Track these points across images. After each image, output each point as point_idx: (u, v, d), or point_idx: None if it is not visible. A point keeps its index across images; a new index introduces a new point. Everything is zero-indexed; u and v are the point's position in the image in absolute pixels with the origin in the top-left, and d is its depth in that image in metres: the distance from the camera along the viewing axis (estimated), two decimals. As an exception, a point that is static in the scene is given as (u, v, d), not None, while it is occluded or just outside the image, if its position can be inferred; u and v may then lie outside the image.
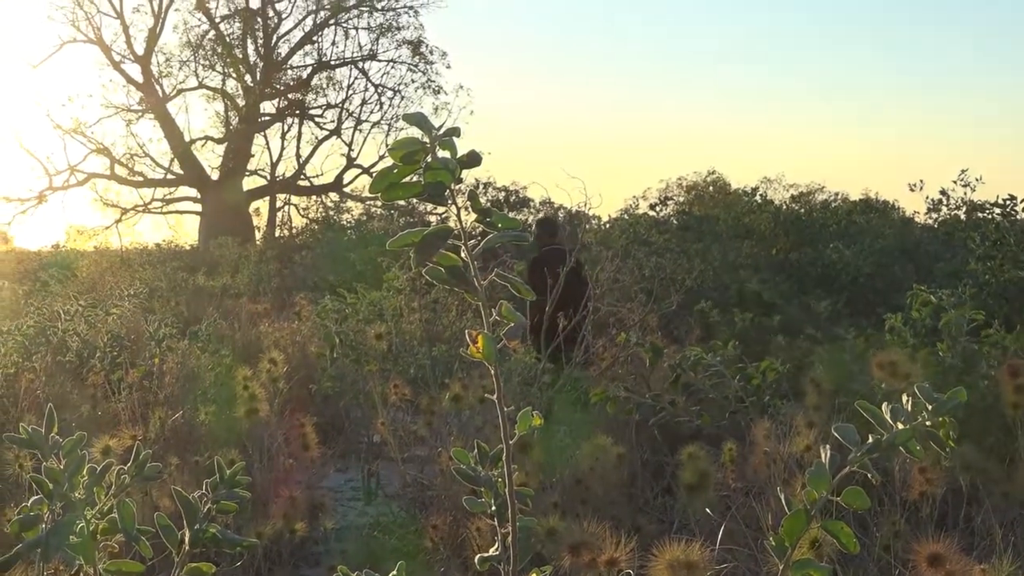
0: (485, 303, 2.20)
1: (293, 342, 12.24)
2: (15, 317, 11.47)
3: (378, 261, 17.16)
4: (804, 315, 13.58)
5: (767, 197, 35.29)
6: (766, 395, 8.56)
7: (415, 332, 11.82)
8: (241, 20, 45.78)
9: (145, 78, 44.25)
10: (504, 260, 11.97)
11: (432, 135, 2.07)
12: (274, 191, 46.07)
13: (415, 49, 45.82)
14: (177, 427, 8.34)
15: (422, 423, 8.60)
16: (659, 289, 14.31)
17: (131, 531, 2.77)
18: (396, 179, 2.09)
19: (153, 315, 12.16)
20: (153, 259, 30.43)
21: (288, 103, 46.58)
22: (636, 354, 10.15)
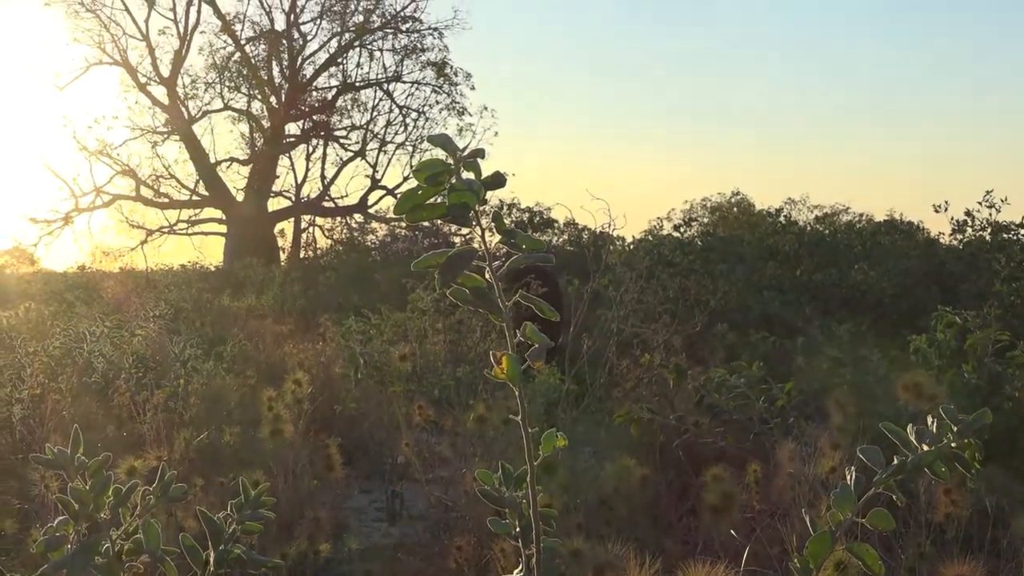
0: (509, 324, 2.20)
1: (318, 363, 12.24)
2: (41, 338, 11.50)
3: (402, 282, 17.17)
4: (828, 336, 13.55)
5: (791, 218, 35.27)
6: (791, 416, 8.54)
7: (439, 353, 11.82)
8: (266, 42, 45.94)
9: (171, 100, 44.42)
10: (528, 281, 11.97)
11: (456, 156, 2.07)
12: (299, 212, 46.16)
13: (440, 71, 45.91)
14: (202, 448, 8.34)
15: (446, 444, 8.60)
16: (683, 310, 14.29)
17: (156, 552, 2.77)
18: (421, 200, 2.10)
19: (178, 336, 12.20)
20: (178, 280, 30.47)
21: (313, 124, 46.67)
22: (660, 375, 10.14)
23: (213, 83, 45.83)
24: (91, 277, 33.90)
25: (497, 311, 2.18)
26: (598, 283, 11.18)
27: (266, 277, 29.48)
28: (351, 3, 45.65)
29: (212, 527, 2.85)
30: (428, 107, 46.03)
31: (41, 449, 3.04)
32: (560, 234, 40.25)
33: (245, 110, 46.26)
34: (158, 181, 44.72)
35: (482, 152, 2.12)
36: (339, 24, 45.91)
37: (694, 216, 43.80)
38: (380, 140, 46.06)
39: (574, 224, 38.40)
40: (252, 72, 45.54)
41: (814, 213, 40.74)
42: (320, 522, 6.70)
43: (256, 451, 8.24)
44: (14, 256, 44.22)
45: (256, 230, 41.97)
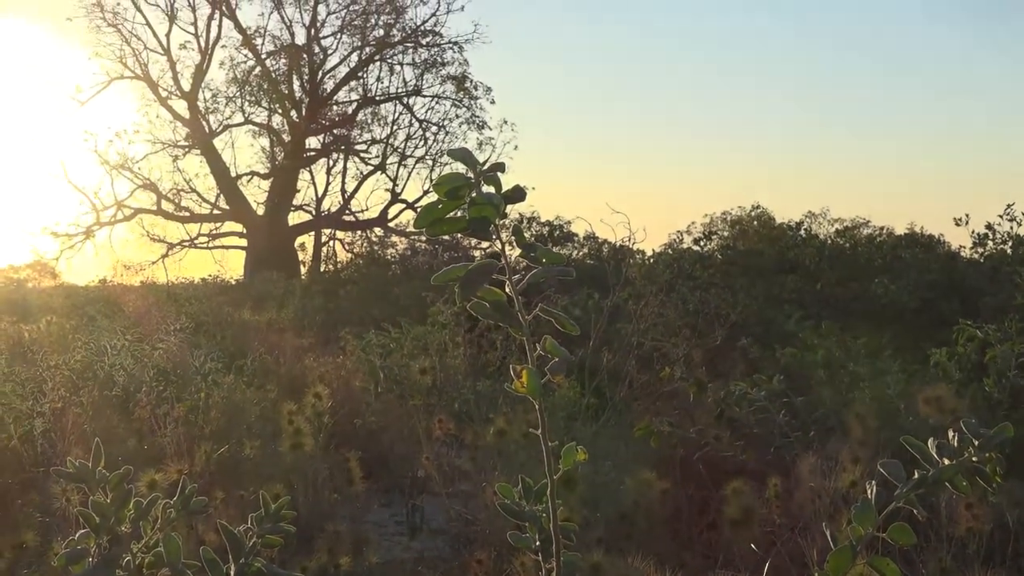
0: (529, 338, 2.20)
1: (338, 377, 12.23)
2: (63, 352, 11.53)
3: (422, 296, 17.18)
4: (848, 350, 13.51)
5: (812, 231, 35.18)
6: (811, 430, 8.52)
7: (459, 367, 11.82)
8: (287, 56, 46.08)
9: (192, 114, 44.58)
10: (548, 295, 11.97)
11: (477, 170, 2.08)
12: (319, 226, 46.24)
13: (459, 85, 45.98)
14: (223, 461, 8.36)
15: (466, 458, 8.60)
16: (703, 324, 14.26)
17: (177, 565, 2.78)
18: (441, 214, 2.10)
19: (199, 349, 12.20)
20: (199, 294, 30.51)
21: (333, 138, 46.80)
22: (680, 389, 10.13)
23: (234, 97, 46.02)
24: (112, 291, 33.95)
25: (517, 324, 2.18)
26: (618, 297, 11.18)
27: (286, 291, 29.52)
28: (371, 17, 45.80)
29: (233, 540, 2.85)
30: (448, 121, 46.16)
31: (63, 462, 3.05)
32: (580, 248, 40.26)
33: (266, 124, 46.43)
34: (179, 195, 44.93)
35: (502, 166, 2.13)
36: (359, 38, 46.06)
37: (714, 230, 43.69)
38: (400, 154, 46.19)
39: (594, 237, 38.45)
40: (273, 86, 45.67)
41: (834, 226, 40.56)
42: (340, 536, 6.70)
43: (276, 464, 8.25)
44: (36, 270, 44.38)
45: (276, 244, 42.07)
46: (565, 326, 2.20)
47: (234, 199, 44.56)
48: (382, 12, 45.74)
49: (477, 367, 11.97)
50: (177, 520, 2.99)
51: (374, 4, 45.63)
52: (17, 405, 9.23)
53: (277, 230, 43.29)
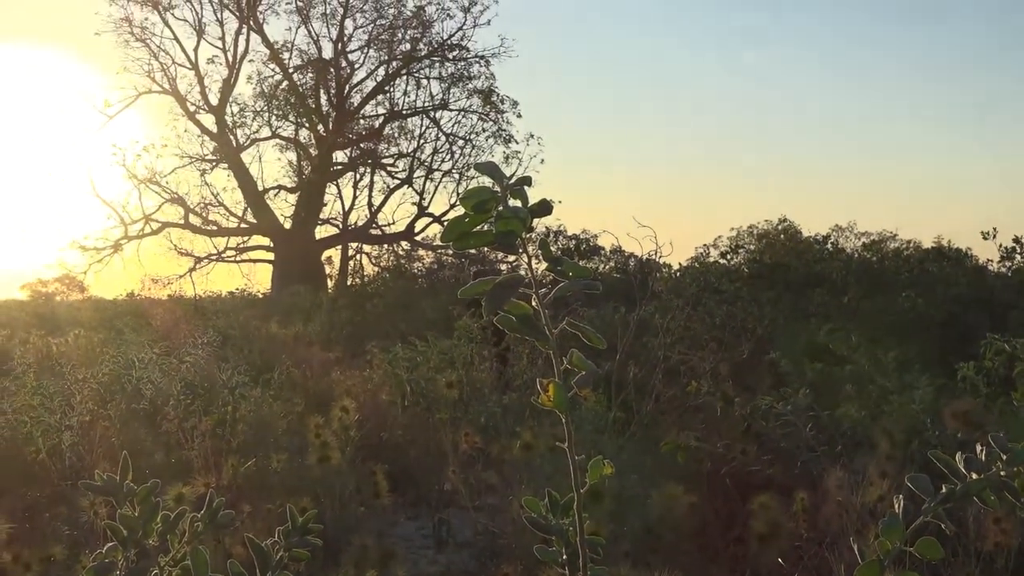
0: (556, 352, 2.20)
1: (365, 390, 12.25)
2: (91, 365, 11.56)
3: (449, 309, 17.19)
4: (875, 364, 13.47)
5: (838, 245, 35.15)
6: (838, 444, 8.49)
7: (486, 380, 11.82)
8: (314, 70, 46.22)
9: (219, 128, 44.74)
10: (575, 308, 11.97)
11: (503, 184, 2.08)
12: (346, 240, 46.33)
13: (486, 98, 46.04)
14: (250, 474, 8.37)
15: (493, 471, 8.60)
16: (730, 337, 14.24)
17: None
18: (467, 228, 2.10)
19: (226, 363, 12.22)
20: (226, 307, 30.59)
21: (360, 152, 46.90)
22: (707, 403, 10.11)
23: (261, 111, 46.19)
24: (140, 304, 34.07)
25: (544, 338, 2.18)
26: (645, 310, 11.17)
27: (313, 304, 29.58)
28: (398, 32, 45.93)
29: (260, 554, 2.86)
30: (475, 135, 46.24)
31: (91, 476, 3.06)
32: (607, 261, 40.26)
33: (293, 138, 46.59)
34: (206, 209, 45.10)
35: (529, 180, 2.13)
36: (386, 52, 46.18)
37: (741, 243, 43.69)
38: (427, 168, 46.26)
39: (620, 251, 38.43)
40: (300, 100, 45.82)
41: (861, 240, 40.57)
42: (367, 549, 6.70)
43: (303, 478, 8.27)
44: (64, 283, 44.56)
45: (304, 257, 42.18)
46: (592, 339, 2.20)
47: (261, 213, 44.69)
48: (409, 26, 45.90)
49: (503, 381, 11.97)
50: (204, 534, 2.99)
51: (401, 18, 45.81)
52: (46, 418, 9.26)
53: (304, 244, 43.40)
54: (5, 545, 6.04)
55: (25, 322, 27.79)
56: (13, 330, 24.60)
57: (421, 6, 45.56)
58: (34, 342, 18.73)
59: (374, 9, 45.74)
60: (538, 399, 2.24)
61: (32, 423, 9.22)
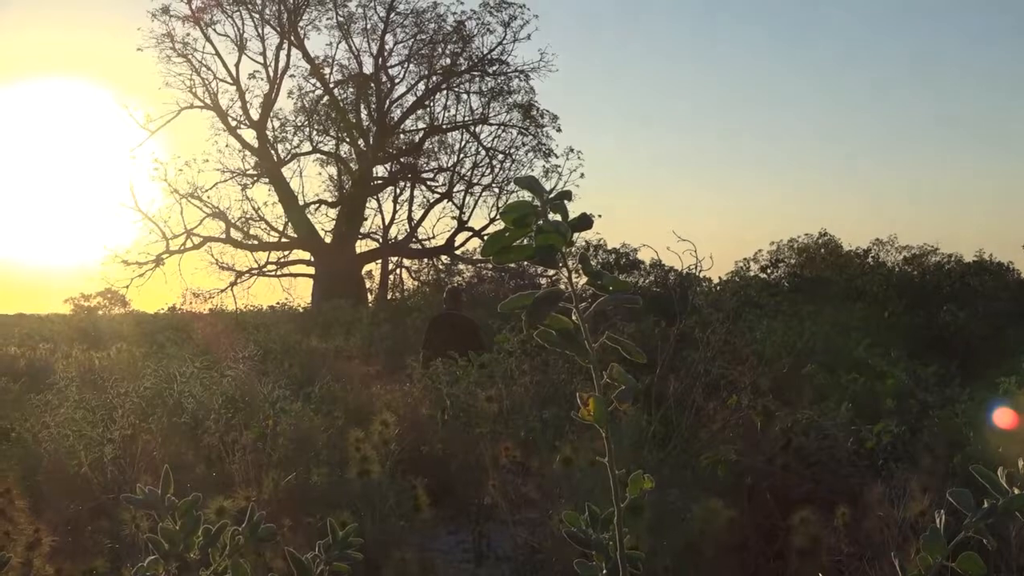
0: (596, 366, 2.20)
1: (405, 404, 12.25)
2: (133, 379, 11.61)
3: (489, 323, 17.20)
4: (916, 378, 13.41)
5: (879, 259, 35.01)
6: (879, 459, 8.46)
7: (526, 394, 11.80)
8: (355, 85, 46.36)
9: (260, 143, 44.93)
10: (615, 322, 11.95)
11: (543, 198, 2.08)
12: (386, 254, 46.43)
13: (526, 113, 46.08)
14: (290, 488, 8.39)
15: (533, 485, 8.59)
16: (770, 352, 14.19)
17: (246, 591, 2.79)
18: (508, 242, 2.10)
19: (267, 377, 12.26)
20: (267, 321, 30.69)
21: (400, 167, 47.01)
22: (747, 417, 10.07)
23: (302, 126, 46.38)
24: (181, 318, 34.21)
25: (584, 353, 2.19)
26: (684, 324, 11.15)
27: (354, 318, 29.65)
28: (438, 46, 46.02)
29: (300, 567, 2.87)
30: (514, 149, 46.27)
31: (132, 489, 3.07)
32: (646, 275, 40.23)
33: (333, 153, 46.75)
34: (247, 223, 45.27)
35: (569, 194, 2.13)
36: (426, 67, 46.29)
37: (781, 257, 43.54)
38: (467, 182, 46.33)
39: (660, 265, 38.39)
40: (340, 115, 45.97)
41: (902, 254, 40.30)
42: (407, 563, 6.71)
43: (344, 491, 8.27)
44: (106, 298, 44.80)
45: (344, 272, 42.27)
46: (632, 353, 2.20)
47: (302, 227, 44.82)
48: (449, 41, 46.00)
49: (543, 395, 11.95)
50: (245, 547, 3.00)
51: (441, 33, 45.90)
52: (88, 432, 9.31)
53: (344, 258, 43.50)
54: (48, 558, 6.06)
55: (68, 336, 27.99)
56: (56, 344, 24.78)
57: (461, 21, 45.72)
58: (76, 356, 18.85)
59: (414, 24, 45.91)
60: (578, 413, 2.25)
61: (74, 436, 9.27)
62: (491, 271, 41.95)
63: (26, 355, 23.04)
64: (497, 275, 40.57)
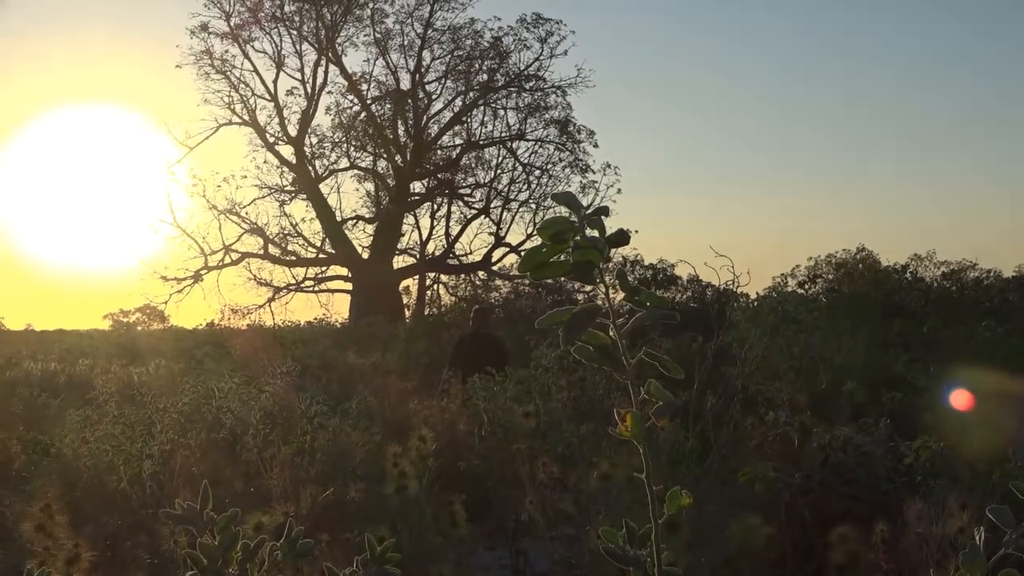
0: (633, 381, 2.21)
1: (442, 420, 12.25)
2: (171, 394, 11.66)
3: (526, 339, 17.19)
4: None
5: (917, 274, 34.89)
6: (918, 475, 8.42)
7: (563, 410, 11.79)
8: (392, 102, 46.49)
9: (298, 159, 45.09)
10: (652, 338, 11.94)
11: (580, 214, 2.08)
12: (423, 269, 46.51)
13: (563, 128, 46.12)
14: (328, 504, 8.40)
15: (570, 501, 8.58)
16: (808, 367, 14.15)
17: (284, 606, 2.80)
18: (545, 258, 2.11)
19: (305, 392, 12.28)
20: (305, 337, 30.76)
21: (438, 183, 47.09)
22: (785, 433, 10.04)
23: (340, 142, 46.60)
24: (220, 334, 34.33)
25: (621, 368, 2.19)
26: (722, 340, 11.13)
27: (391, 334, 29.68)
28: (475, 63, 46.12)
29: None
30: (551, 164, 46.33)
31: (171, 504, 3.09)
32: (684, 291, 40.18)
33: (371, 169, 46.91)
34: (285, 239, 45.48)
35: (606, 210, 2.13)
36: (464, 83, 46.39)
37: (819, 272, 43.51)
38: (504, 198, 46.37)
39: (697, 281, 38.38)
40: (378, 131, 46.11)
41: (941, 269, 40.19)
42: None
43: (381, 507, 8.28)
44: (145, 313, 45.01)
45: (381, 287, 42.36)
46: (669, 369, 2.20)
47: (339, 243, 44.94)
48: (486, 57, 46.09)
49: (580, 410, 11.94)
50: (283, 562, 3.01)
51: (478, 49, 46.02)
52: (127, 447, 9.35)
53: (382, 274, 43.59)
54: (87, 573, 6.09)
55: (107, 352, 28.12)
56: (95, 359, 24.90)
57: (498, 37, 45.81)
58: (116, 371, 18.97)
59: (451, 40, 46.01)
60: (616, 429, 2.25)
61: (114, 452, 9.31)
62: (528, 287, 41.95)
63: (66, 370, 23.20)
64: (534, 291, 40.55)
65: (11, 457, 10.44)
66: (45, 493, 7.55)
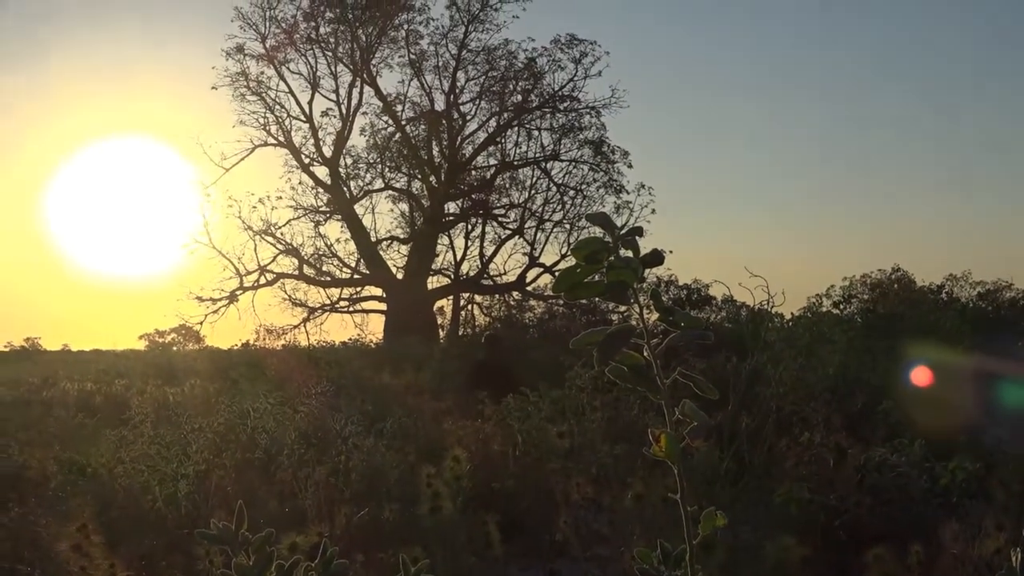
0: (668, 402, 2.21)
1: (476, 440, 12.26)
2: (207, 415, 11.70)
3: (560, 359, 17.18)
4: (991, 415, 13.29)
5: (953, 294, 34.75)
6: (954, 496, 8.39)
7: (597, 430, 11.78)
8: (427, 122, 46.54)
9: (333, 180, 45.17)
10: (686, 358, 11.92)
11: (615, 235, 2.09)
12: (458, 290, 46.52)
13: (597, 149, 46.07)
14: (363, 524, 8.41)
15: (605, 522, 8.57)
16: (843, 388, 14.10)
17: (319, 625, 2.80)
18: (579, 278, 2.12)
19: (339, 413, 12.30)
20: (340, 357, 30.79)
21: (472, 203, 47.09)
22: (820, 454, 10.01)
23: (374, 163, 46.66)
24: (255, 354, 34.40)
25: (655, 389, 2.19)
26: (757, 360, 11.11)
27: (425, 354, 29.69)
28: (510, 83, 46.11)
29: (374, 602, 2.88)
30: (586, 185, 46.23)
31: (206, 524, 3.10)
32: (718, 311, 40.10)
33: (405, 189, 46.97)
34: (320, 260, 45.53)
35: (640, 230, 2.14)
36: (498, 104, 46.39)
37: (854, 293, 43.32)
38: (538, 218, 46.32)
39: (732, 301, 38.28)
40: (412, 152, 46.21)
41: (976, 290, 40.00)
42: (479, 599, 6.71)
43: (416, 527, 8.29)
44: (181, 334, 45.19)
45: (416, 308, 42.37)
46: (704, 390, 2.20)
47: (374, 264, 45.00)
48: (520, 78, 46.07)
49: (614, 430, 11.92)
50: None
51: (512, 70, 46.00)
52: (162, 467, 9.38)
53: (416, 294, 43.60)
54: (123, 592, 6.12)
55: (143, 372, 28.23)
56: (131, 380, 25.00)
57: (532, 58, 45.77)
58: (151, 392, 19.02)
59: (486, 61, 46.01)
60: (650, 449, 2.25)
61: (149, 472, 9.35)
62: (562, 307, 41.92)
63: (102, 391, 23.27)
64: (568, 311, 40.54)
65: (47, 477, 10.48)
66: (81, 513, 7.60)
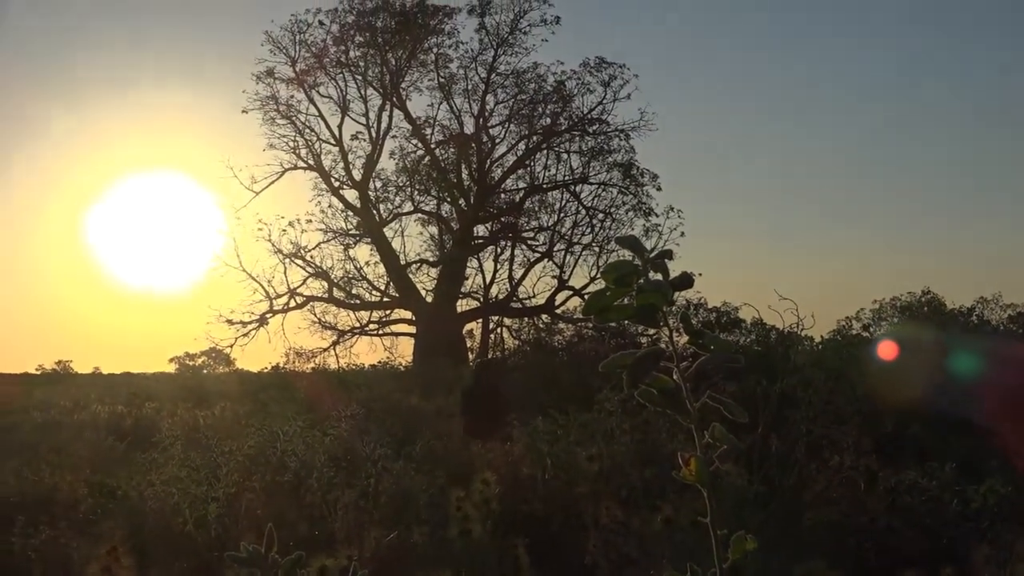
0: (697, 425, 2.21)
1: (505, 463, 12.26)
2: (236, 437, 11.72)
3: (589, 383, 17.16)
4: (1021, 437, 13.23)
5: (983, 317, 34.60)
6: (985, 520, 8.35)
7: (626, 454, 11.76)
8: (456, 145, 46.62)
9: (362, 203, 45.27)
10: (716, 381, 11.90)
11: (644, 258, 2.09)
12: (487, 313, 46.50)
13: (626, 172, 46.04)
14: (392, 546, 8.41)
15: (634, 545, 8.55)
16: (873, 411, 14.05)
17: (349, 648, 2.81)
18: (609, 302, 2.12)
19: (369, 436, 12.31)
20: (369, 380, 30.83)
21: (501, 226, 47.13)
22: (850, 477, 9.98)
23: (404, 186, 46.77)
24: (284, 377, 34.47)
25: (685, 412, 2.19)
26: (786, 383, 11.08)
27: (454, 377, 29.70)
28: (539, 106, 46.16)
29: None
30: (614, 208, 46.21)
31: (236, 547, 3.11)
32: (747, 334, 39.97)
33: (435, 212, 47.06)
34: (350, 283, 45.60)
35: (670, 253, 2.14)
36: (527, 127, 46.44)
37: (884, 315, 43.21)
38: (567, 241, 46.29)
39: (761, 324, 38.14)
40: (442, 175, 46.28)
41: (1007, 312, 39.81)
42: (508, 622, 6.70)
43: (445, 550, 8.29)
44: (211, 357, 45.29)
45: (445, 331, 42.37)
46: (733, 413, 2.20)
47: (403, 287, 45.06)
48: (549, 101, 46.10)
49: (644, 454, 11.91)
50: (348, 604, 3.02)
51: (541, 93, 46.03)
52: (192, 490, 9.41)
53: (445, 317, 43.61)
54: (153, 614, 6.14)
55: (173, 395, 28.32)
56: (161, 403, 25.09)
57: (561, 81, 45.81)
58: (181, 415, 19.10)
59: (515, 84, 46.07)
60: (680, 473, 2.25)
61: (179, 495, 9.37)
62: (592, 330, 41.85)
63: (132, 413, 23.36)
64: (597, 334, 40.46)
65: (78, 500, 10.51)
66: (111, 535, 7.62)
